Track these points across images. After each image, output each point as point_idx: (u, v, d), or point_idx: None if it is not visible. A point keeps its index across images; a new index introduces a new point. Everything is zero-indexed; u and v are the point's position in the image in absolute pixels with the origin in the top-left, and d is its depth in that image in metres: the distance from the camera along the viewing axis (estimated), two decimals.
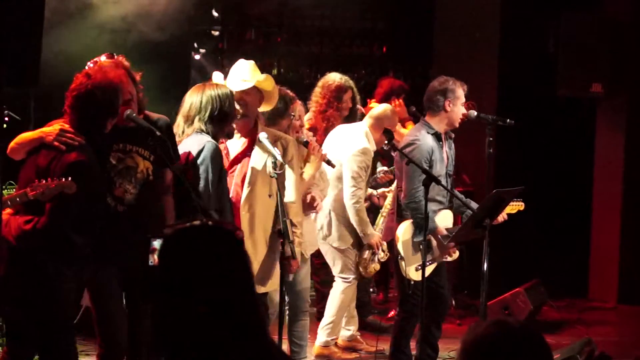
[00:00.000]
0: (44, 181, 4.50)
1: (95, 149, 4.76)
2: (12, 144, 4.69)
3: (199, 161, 5.19)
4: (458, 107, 6.26)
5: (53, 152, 4.68)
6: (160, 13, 7.59)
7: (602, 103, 9.17)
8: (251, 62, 5.79)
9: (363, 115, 7.40)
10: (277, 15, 10.85)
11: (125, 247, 4.94)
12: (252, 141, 5.63)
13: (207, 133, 5.28)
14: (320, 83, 7.53)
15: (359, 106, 7.70)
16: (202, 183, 5.19)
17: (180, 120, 5.41)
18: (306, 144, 6.33)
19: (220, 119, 5.32)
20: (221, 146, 5.58)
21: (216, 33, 10.74)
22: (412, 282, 6.10)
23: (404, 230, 6.11)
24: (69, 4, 7.14)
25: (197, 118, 5.29)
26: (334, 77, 7.45)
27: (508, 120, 6.89)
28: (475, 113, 6.81)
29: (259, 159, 5.57)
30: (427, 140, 6.14)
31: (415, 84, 10.52)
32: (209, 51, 10.66)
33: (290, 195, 5.71)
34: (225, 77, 5.84)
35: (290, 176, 5.73)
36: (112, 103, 4.72)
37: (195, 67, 10.37)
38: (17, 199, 4.55)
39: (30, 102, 7.46)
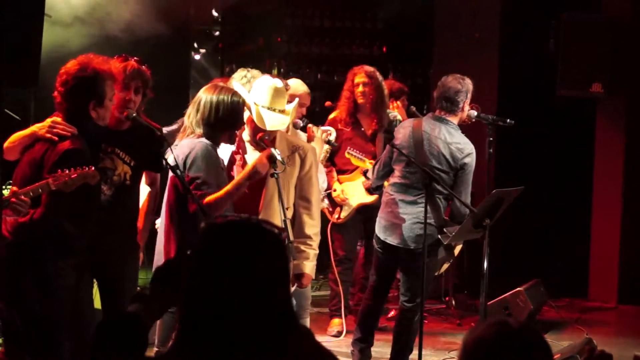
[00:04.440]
0: (66, 171, 4.50)
1: (88, 141, 4.77)
2: (5, 144, 4.68)
3: (188, 164, 5.15)
4: (468, 105, 6.33)
5: (46, 144, 4.71)
6: (161, 13, 7.59)
7: (602, 103, 9.17)
8: (282, 90, 5.62)
9: None
10: (277, 15, 10.85)
11: (96, 249, 4.94)
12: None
13: (207, 136, 5.25)
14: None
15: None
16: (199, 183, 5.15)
17: (191, 110, 5.34)
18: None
19: (225, 126, 5.27)
20: (237, 157, 5.58)
21: (216, 33, 10.75)
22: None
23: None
24: (71, 4, 7.15)
25: (202, 118, 5.25)
26: None
27: (508, 120, 6.90)
28: (475, 113, 6.82)
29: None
30: None
31: (415, 84, 10.57)
32: (209, 51, 10.68)
33: (310, 207, 5.70)
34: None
35: (309, 188, 5.71)
36: (94, 86, 4.72)
37: (195, 67, 10.39)
38: (40, 190, 4.52)
39: (30, 102, 7.46)
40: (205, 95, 5.27)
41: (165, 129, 6.33)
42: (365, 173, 7.29)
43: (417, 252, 6.09)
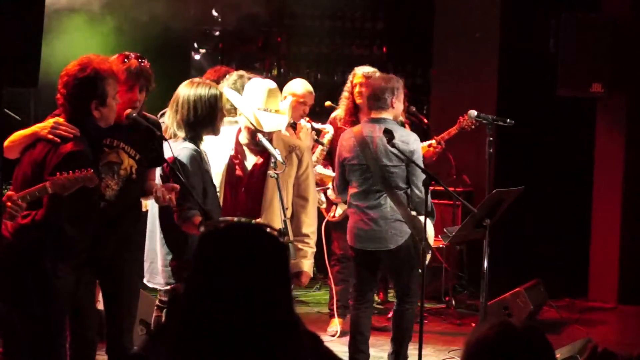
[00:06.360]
0: (65, 174, 4.47)
1: (90, 142, 4.75)
2: (6, 142, 4.66)
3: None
4: (400, 103, 6.38)
5: (48, 145, 4.67)
6: (161, 13, 7.59)
7: (602, 103, 9.16)
8: (275, 91, 5.60)
9: None
10: (277, 15, 10.84)
11: (101, 245, 4.93)
12: (267, 157, 5.57)
13: (188, 137, 5.21)
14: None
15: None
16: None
17: (170, 113, 5.33)
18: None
19: (205, 123, 5.24)
20: (235, 161, 5.57)
21: (216, 33, 10.75)
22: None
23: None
24: (70, 4, 7.15)
25: (181, 119, 5.23)
26: None
27: (508, 120, 6.90)
28: (475, 113, 6.81)
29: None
30: None
31: (415, 84, 10.56)
32: (209, 51, 10.67)
33: (307, 205, 5.70)
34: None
35: (306, 187, 5.71)
36: (95, 86, 4.70)
37: (195, 67, 10.37)
38: (37, 193, 4.50)
39: (30, 102, 7.47)
40: (182, 94, 5.25)
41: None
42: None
43: (395, 251, 6.20)
